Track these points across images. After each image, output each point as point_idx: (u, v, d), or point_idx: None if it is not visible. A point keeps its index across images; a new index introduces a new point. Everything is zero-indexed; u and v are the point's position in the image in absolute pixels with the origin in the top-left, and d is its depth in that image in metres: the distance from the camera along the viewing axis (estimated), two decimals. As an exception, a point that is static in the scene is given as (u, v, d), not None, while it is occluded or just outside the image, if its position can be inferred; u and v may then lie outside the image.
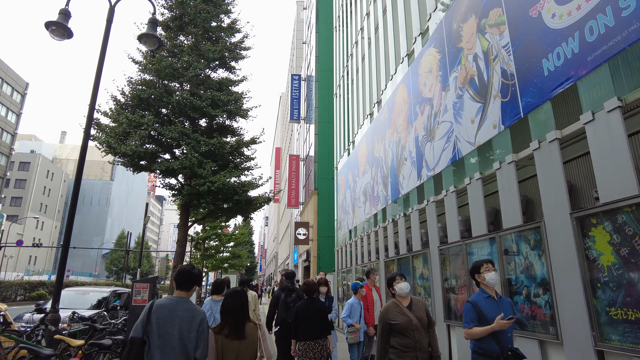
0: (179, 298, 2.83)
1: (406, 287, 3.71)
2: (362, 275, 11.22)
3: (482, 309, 3.26)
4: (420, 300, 3.79)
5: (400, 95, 9.22)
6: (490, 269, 3.44)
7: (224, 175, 12.06)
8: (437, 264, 6.91)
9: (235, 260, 25.37)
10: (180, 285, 2.87)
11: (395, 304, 3.64)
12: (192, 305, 2.83)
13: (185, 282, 2.87)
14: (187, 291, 2.89)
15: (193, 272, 2.92)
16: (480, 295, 3.42)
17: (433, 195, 7.23)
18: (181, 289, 2.87)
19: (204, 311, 2.92)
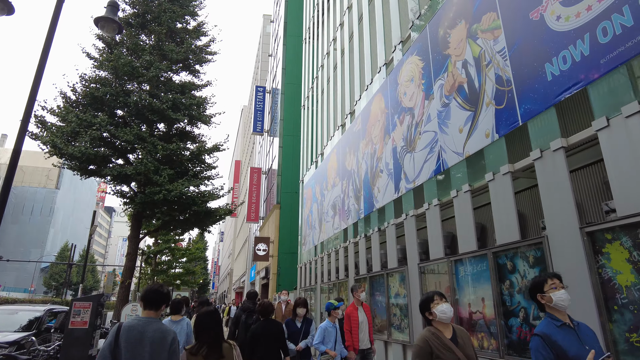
0: (148, 319, 2.76)
1: (450, 310, 2.77)
2: (332, 292, 10.59)
3: (558, 342, 2.40)
4: (464, 330, 2.92)
5: (376, 105, 8.87)
6: (558, 285, 2.53)
7: (182, 183, 11.16)
8: (416, 283, 6.45)
9: (189, 276, 23.89)
10: (148, 305, 2.80)
11: (435, 335, 2.71)
12: (161, 326, 2.77)
13: (154, 301, 2.80)
14: (155, 311, 2.81)
15: (162, 291, 2.85)
16: (550, 324, 2.50)
17: (413, 209, 6.82)
18: (150, 308, 2.80)
19: (174, 330, 2.87)
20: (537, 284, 2.63)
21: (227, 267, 57.22)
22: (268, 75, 34.33)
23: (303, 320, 5.39)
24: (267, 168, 30.02)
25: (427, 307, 2.83)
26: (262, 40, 45.00)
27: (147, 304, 2.81)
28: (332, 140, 12.22)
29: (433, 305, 2.80)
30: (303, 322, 5.38)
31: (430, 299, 2.84)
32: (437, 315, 2.76)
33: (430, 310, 2.80)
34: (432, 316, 2.79)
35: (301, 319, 5.38)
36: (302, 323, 5.37)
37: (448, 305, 2.79)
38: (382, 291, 7.68)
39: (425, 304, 2.85)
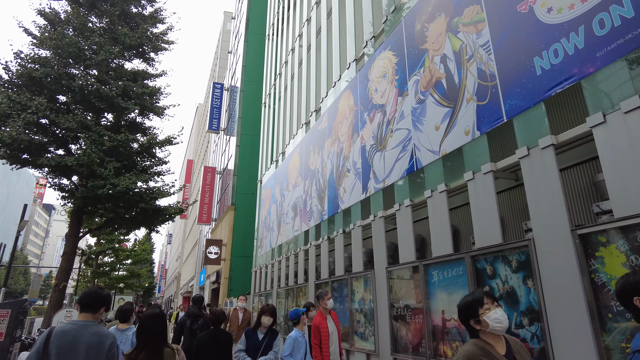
0: (84, 322, 2.59)
1: (506, 319, 2.10)
2: (289, 298, 10.05)
3: None
4: (518, 342, 2.28)
5: (344, 102, 8.51)
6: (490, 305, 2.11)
7: (129, 177, 10.23)
8: (383, 287, 6.09)
9: (133, 279, 22.31)
10: (85, 307, 2.64)
11: (484, 351, 2.03)
12: (99, 329, 2.59)
13: (92, 303, 2.65)
14: (93, 313, 2.66)
15: (100, 293, 2.70)
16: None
17: (382, 209, 6.48)
18: (87, 311, 2.64)
19: (113, 334, 2.68)
20: (469, 306, 2.14)
21: (175, 270, 54.79)
22: (227, 73, 33.31)
23: (267, 331, 4.62)
24: (221, 168, 28.97)
25: (473, 313, 2.09)
26: (222, 37, 43.88)
27: (83, 307, 2.63)
28: (294, 139, 11.74)
29: (483, 311, 2.07)
30: (266, 334, 4.60)
31: (478, 302, 2.09)
32: (490, 325, 2.05)
33: (478, 318, 2.07)
34: (480, 326, 2.07)
35: (265, 329, 4.62)
36: (265, 334, 4.60)
37: (503, 312, 2.10)
38: (344, 296, 7.27)
39: (470, 308, 2.11)
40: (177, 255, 55.99)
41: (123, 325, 4.74)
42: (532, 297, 3.77)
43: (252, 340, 4.53)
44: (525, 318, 3.82)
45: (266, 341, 4.51)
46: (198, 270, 31.71)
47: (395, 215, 6.08)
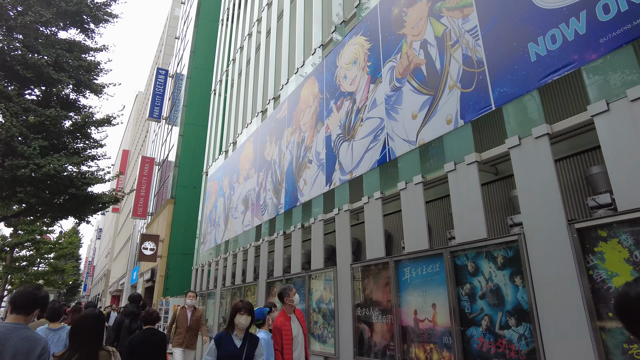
0: (14, 325, 2.35)
1: None
2: (235, 298, 9.35)
3: None
4: None
5: (308, 89, 8.03)
6: None
7: (57, 158, 8.98)
8: (347, 286, 5.68)
9: (56, 276, 20.08)
10: (17, 309, 2.40)
11: None
12: (30, 333, 2.37)
13: (25, 305, 2.42)
14: (25, 315, 2.44)
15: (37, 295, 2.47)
16: None
17: (347, 202, 6.07)
18: (18, 312, 2.41)
19: (46, 340, 2.47)
20: None
21: (104, 267, 50.94)
22: (172, 59, 31.48)
23: (245, 336, 3.51)
24: (161, 159, 27.24)
25: None
26: (169, 23, 41.58)
27: (16, 308, 2.40)
28: (248, 128, 11.05)
29: None
30: (245, 339, 3.48)
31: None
32: None
33: None
34: None
35: (242, 333, 3.49)
36: (243, 340, 3.47)
37: None
38: (301, 296, 6.77)
39: None
40: (107, 251, 52.11)
41: (54, 325, 4.46)
42: (520, 295, 3.53)
43: (227, 348, 3.40)
44: (511, 318, 3.57)
45: (246, 350, 3.43)
46: (130, 267, 29.56)
47: (363, 209, 5.70)
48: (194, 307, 6.55)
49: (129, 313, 6.03)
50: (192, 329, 6.30)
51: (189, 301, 6.50)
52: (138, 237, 28.76)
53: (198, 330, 6.59)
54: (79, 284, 51.19)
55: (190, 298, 6.42)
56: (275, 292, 7.63)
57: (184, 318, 6.24)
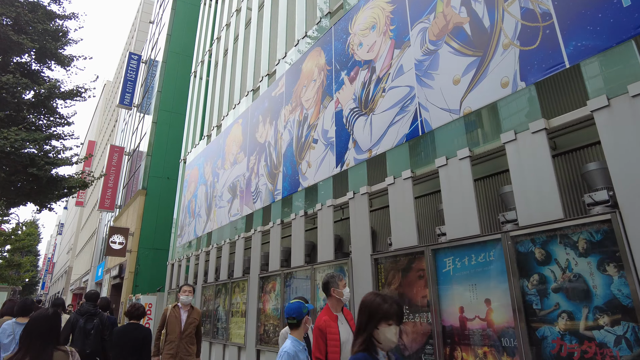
0: None
1: None
2: (220, 296, 8.39)
3: None
4: None
5: (311, 62, 7.20)
6: None
7: (15, 132, 7.75)
8: (365, 280, 4.90)
9: (11, 270, 18.23)
10: None
11: None
12: None
13: None
14: None
15: None
16: None
17: (366, 185, 5.28)
18: None
19: None
20: None
21: (65, 264, 48.06)
22: (146, 45, 29.79)
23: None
24: (131, 149, 25.63)
25: None
26: (143, 8, 39.66)
27: None
28: (236, 109, 10.08)
29: None
30: None
31: None
32: None
33: None
34: None
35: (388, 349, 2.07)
36: None
37: None
38: (306, 292, 5.94)
39: None
40: (68, 247, 49.19)
41: (23, 319, 4.39)
42: (615, 287, 2.84)
43: None
44: (603, 316, 2.88)
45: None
46: (95, 263, 27.72)
47: (388, 191, 4.93)
48: (191, 307, 5.18)
49: (84, 312, 5.45)
50: (188, 336, 4.97)
51: (183, 298, 5.08)
52: (105, 231, 26.99)
53: (195, 337, 5.18)
54: (37, 281, 48.00)
55: (185, 294, 5.10)
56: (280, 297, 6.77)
57: (177, 321, 4.86)
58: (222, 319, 8.33)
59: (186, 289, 5.22)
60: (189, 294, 5.19)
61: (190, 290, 5.23)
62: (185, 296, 5.14)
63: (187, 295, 5.15)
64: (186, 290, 5.21)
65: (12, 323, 4.40)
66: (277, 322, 6.46)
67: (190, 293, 5.20)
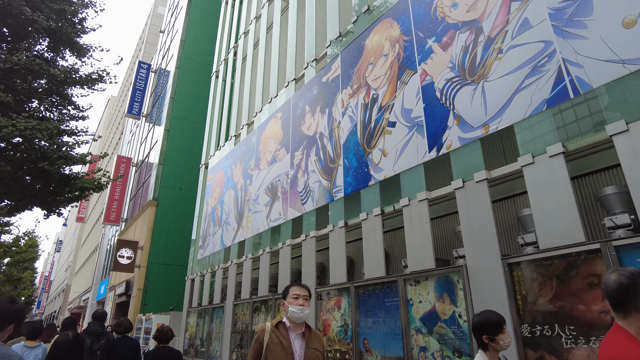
0: None
1: None
2: (259, 314, 7.10)
3: None
4: None
5: (379, 36, 6.11)
6: None
7: (25, 120, 6.62)
8: (495, 291, 3.67)
9: (9, 286, 16.75)
10: None
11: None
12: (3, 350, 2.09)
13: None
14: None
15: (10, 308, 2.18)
16: None
17: (482, 169, 4.09)
18: None
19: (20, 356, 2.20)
20: None
21: (62, 282, 46.26)
22: (155, 54, 29.06)
23: None
24: (138, 160, 24.53)
25: None
26: (152, 20, 39.26)
27: None
28: (272, 103, 8.97)
29: None
30: None
31: None
32: None
33: None
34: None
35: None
36: None
37: None
38: (386, 308, 4.68)
39: None
40: (67, 264, 47.48)
41: (31, 342, 4.23)
42: None
43: None
44: None
45: None
46: (97, 280, 26.23)
47: (523, 174, 3.74)
48: (306, 326, 2.76)
49: (92, 332, 5.38)
50: None
51: (296, 310, 2.69)
52: (109, 246, 25.60)
53: None
54: (33, 299, 46.04)
55: (298, 301, 2.72)
56: (335, 305, 5.51)
57: (285, 352, 2.55)
58: (262, 343, 7.00)
59: (299, 292, 2.76)
60: (306, 302, 2.75)
61: (307, 296, 2.78)
62: (298, 307, 2.69)
63: (301, 305, 2.70)
64: (299, 294, 2.75)
65: (20, 346, 4.17)
66: (346, 347, 5.17)
67: (307, 301, 2.76)
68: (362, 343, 4.97)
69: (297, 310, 2.68)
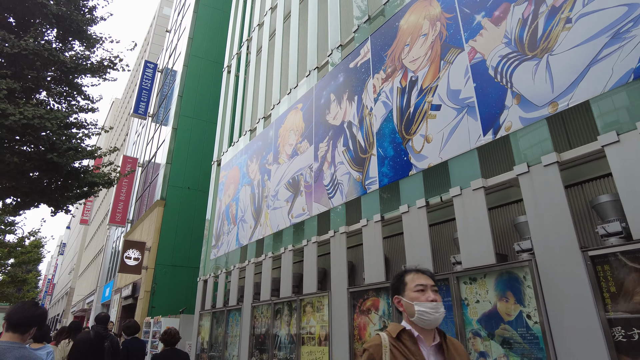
0: (10, 344, 2.15)
1: None
2: (280, 317, 6.63)
3: None
4: None
5: (416, 15, 5.67)
6: None
7: (34, 108, 6.20)
8: (584, 287, 3.19)
9: (13, 288, 16.27)
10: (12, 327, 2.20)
11: None
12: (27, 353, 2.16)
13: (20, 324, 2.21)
14: (21, 334, 2.21)
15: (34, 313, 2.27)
16: None
17: (552, 152, 3.62)
18: (14, 331, 2.20)
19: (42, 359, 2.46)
20: None
21: (66, 285, 45.82)
22: (162, 53, 28.73)
23: None
24: (145, 160, 24.14)
25: None
26: (157, 22, 39.05)
27: (12, 326, 2.21)
28: (292, 94, 8.54)
29: None
30: None
31: None
32: None
33: None
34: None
35: None
36: None
37: None
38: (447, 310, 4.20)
39: None
40: (70, 267, 47.06)
41: (36, 345, 4.06)
42: None
43: None
44: None
45: None
46: (101, 283, 25.79)
47: (606, 154, 3.27)
48: (438, 332, 1.84)
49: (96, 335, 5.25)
50: None
51: (429, 309, 1.77)
52: (114, 247, 25.15)
53: None
54: (36, 302, 45.55)
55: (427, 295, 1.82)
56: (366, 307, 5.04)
57: None
58: (285, 347, 6.53)
59: (425, 282, 1.86)
60: (437, 296, 1.85)
61: (435, 287, 1.89)
62: (431, 305, 1.79)
63: (434, 301, 1.81)
64: (425, 284, 1.85)
65: None
66: (386, 353, 4.67)
67: (438, 294, 1.87)
68: (406, 348, 4.49)
69: (429, 309, 1.74)
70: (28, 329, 2.26)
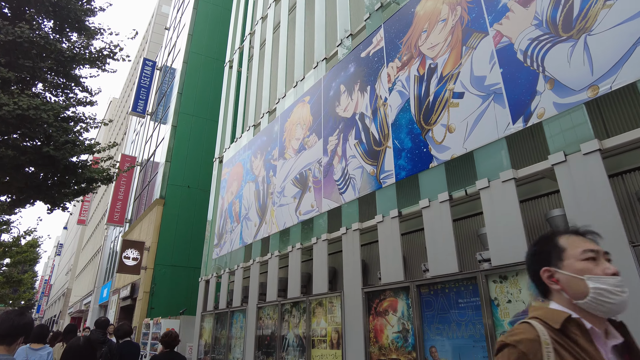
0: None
1: None
2: (289, 318, 6.32)
3: None
4: None
5: (434, 0, 5.39)
6: None
7: (28, 98, 5.88)
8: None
9: (8, 288, 15.90)
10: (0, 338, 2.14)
11: None
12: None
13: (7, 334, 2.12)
14: (8, 346, 2.14)
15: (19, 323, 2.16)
16: None
17: (592, 139, 3.34)
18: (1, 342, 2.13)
19: None
20: None
21: (63, 286, 45.35)
22: (161, 51, 28.38)
23: None
24: (143, 159, 23.80)
25: None
26: (155, 20, 38.72)
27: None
28: (298, 87, 8.24)
29: None
30: None
31: None
32: None
33: None
34: None
35: None
36: None
37: None
38: (463, 311, 3.92)
39: None
40: (67, 268, 46.58)
41: (36, 345, 4.07)
42: None
43: None
44: None
45: None
46: (99, 284, 25.41)
47: (658, 140, 2.99)
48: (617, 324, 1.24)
49: (94, 339, 5.29)
50: None
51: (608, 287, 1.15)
52: (112, 247, 24.78)
53: None
54: (33, 303, 45.08)
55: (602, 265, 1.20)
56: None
57: None
58: (294, 349, 6.23)
59: (594, 247, 1.23)
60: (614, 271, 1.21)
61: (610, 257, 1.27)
62: (612, 280, 1.16)
63: (614, 274, 1.18)
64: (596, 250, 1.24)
65: (25, 349, 4.12)
66: (406, 357, 4.39)
67: None
68: (428, 351, 4.20)
69: (613, 287, 1.16)
70: (15, 339, 2.19)
